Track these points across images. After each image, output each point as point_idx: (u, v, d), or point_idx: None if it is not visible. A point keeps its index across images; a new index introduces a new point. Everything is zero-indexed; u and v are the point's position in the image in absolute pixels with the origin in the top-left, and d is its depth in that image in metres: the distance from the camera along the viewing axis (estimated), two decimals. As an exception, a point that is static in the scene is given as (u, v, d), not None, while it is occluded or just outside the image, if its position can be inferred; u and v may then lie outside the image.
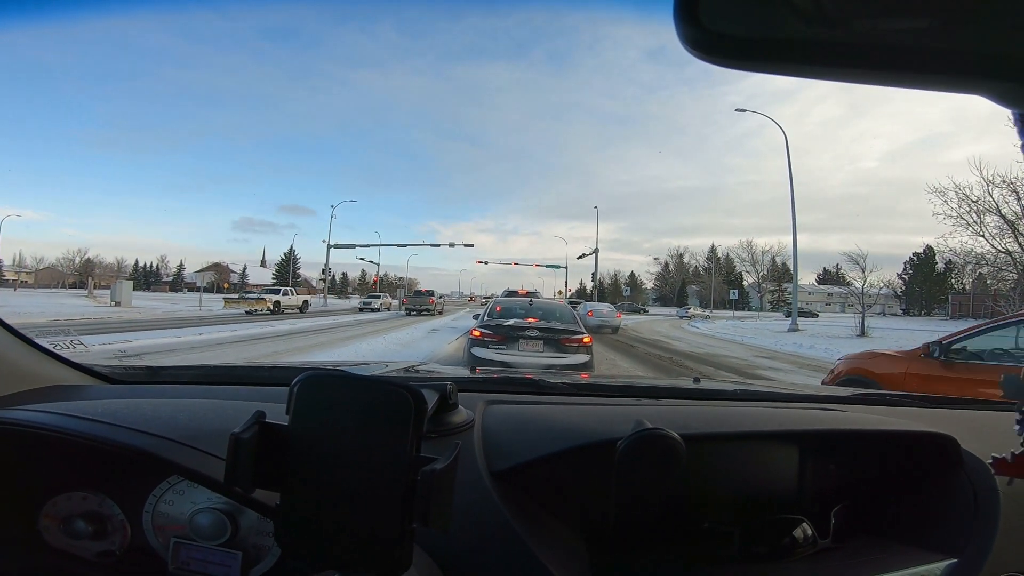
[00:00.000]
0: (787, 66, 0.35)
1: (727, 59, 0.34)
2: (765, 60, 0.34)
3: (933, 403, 1.18)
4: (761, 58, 0.34)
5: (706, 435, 0.85)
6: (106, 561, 0.79)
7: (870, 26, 0.33)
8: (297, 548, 0.50)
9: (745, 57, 0.34)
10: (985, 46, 0.32)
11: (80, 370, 1.09)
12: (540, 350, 6.20)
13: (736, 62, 0.35)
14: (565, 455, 0.79)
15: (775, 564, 0.83)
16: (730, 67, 0.35)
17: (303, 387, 0.50)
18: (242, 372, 1.26)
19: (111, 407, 0.77)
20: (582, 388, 1.20)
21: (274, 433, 0.51)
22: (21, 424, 0.73)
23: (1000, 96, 0.34)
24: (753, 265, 59.90)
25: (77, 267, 63.59)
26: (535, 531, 0.71)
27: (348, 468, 0.49)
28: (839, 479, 0.91)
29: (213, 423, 0.75)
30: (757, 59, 0.34)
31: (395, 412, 0.49)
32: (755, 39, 0.33)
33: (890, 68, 0.34)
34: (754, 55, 0.34)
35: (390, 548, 0.48)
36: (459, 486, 0.51)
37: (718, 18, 0.33)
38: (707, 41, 0.33)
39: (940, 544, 0.80)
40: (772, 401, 1.16)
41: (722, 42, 0.33)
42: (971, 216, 20.34)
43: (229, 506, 0.74)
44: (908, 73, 0.34)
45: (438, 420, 0.82)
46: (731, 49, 0.34)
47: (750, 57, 0.34)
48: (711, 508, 0.87)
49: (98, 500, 0.80)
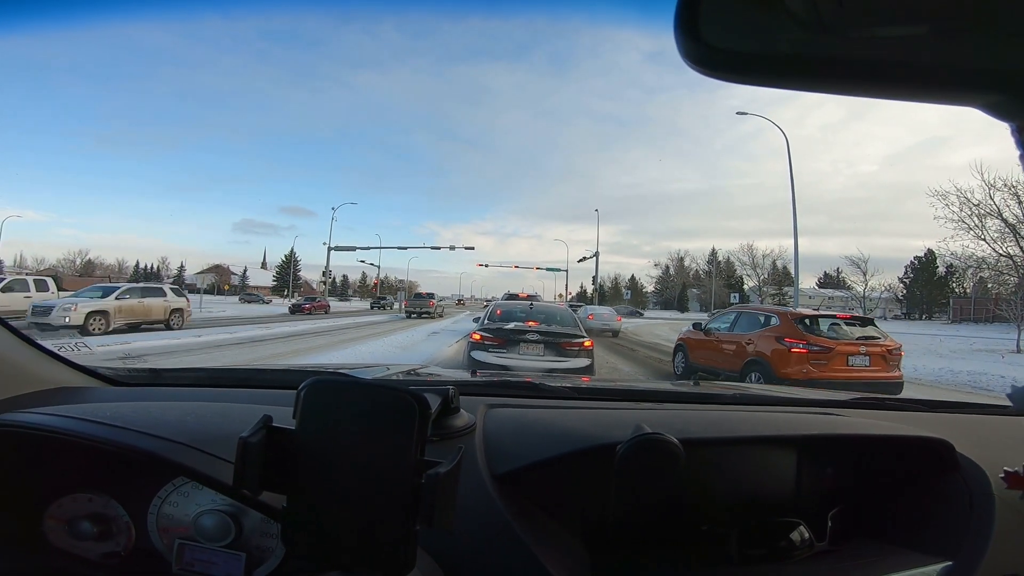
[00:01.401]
0: (786, 80, 0.36)
1: (728, 73, 0.35)
2: (765, 74, 0.36)
3: (929, 407, 1.19)
4: (761, 72, 0.35)
5: (704, 439, 0.85)
6: (110, 562, 0.80)
7: (866, 41, 0.34)
8: (302, 549, 0.51)
9: (746, 71, 0.35)
10: (978, 60, 0.33)
11: (84, 372, 1.10)
12: (540, 354, 6.19)
13: (737, 76, 0.36)
14: (565, 459, 0.80)
15: (772, 566, 0.84)
16: (731, 81, 0.36)
17: (310, 392, 0.51)
18: (245, 374, 1.27)
19: (119, 410, 0.78)
20: (582, 392, 1.21)
21: (281, 437, 0.52)
22: (30, 427, 0.74)
23: (993, 109, 0.35)
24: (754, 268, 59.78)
25: (78, 268, 63.56)
26: (536, 533, 0.72)
27: (354, 471, 0.50)
28: (836, 482, 0.92)
29: (221, 427, 0.76)
30: (757, 73, 0.36)
31: (400, 416, 0.50)
32: (755, 54, 0.35)
33: (885, 81, 0.35)
34: (754, 69, 0.35)
35: (394, 549, 0.49)
36: (461, 489, 0.52)
37: (719, 33, 0.34)
38: (708, 56, 0.34)
39: (936, 547, 0.81)
40: (770, 405, 1.17)
41: (723, 57, 0.34)
42: (972, 220, 20.37)
43: (233, 508, 0.75)
44: (903, 86, 0.35)
45: (440, 424, 0.83)
46: (732, 64, 0.35)
47: (750, 71, 0.35)
48: (709, 511, 0.87)
49: (103, 502, 0.80)
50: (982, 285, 35.63)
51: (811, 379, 6.34)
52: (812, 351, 6.60)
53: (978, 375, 10.22)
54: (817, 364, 6.54)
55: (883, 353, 6.85)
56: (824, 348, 6.62)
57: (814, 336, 6.74)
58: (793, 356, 6.65)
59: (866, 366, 6.70)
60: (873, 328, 7.18)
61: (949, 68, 0.33)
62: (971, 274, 33.39)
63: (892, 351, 6.96)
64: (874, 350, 6.79)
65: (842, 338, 6.85)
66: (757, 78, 0.36)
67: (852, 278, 28.79)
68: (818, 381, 6.24)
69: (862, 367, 6.67)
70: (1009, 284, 22.86)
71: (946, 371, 10.90)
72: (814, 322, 6.96)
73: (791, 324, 6.90)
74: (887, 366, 6.87)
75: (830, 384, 6.04)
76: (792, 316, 7.13)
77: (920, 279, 49.61)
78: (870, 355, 6.72)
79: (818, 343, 6.66)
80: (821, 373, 6.42)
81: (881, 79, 0.35)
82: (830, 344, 6.66)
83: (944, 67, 0.33)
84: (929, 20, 0.32)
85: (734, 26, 0.34)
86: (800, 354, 6.62)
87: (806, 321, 6.92)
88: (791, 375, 6.52)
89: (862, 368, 6.67)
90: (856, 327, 7.09)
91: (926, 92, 0.35)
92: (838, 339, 6.80)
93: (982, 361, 12.79)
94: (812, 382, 6.25)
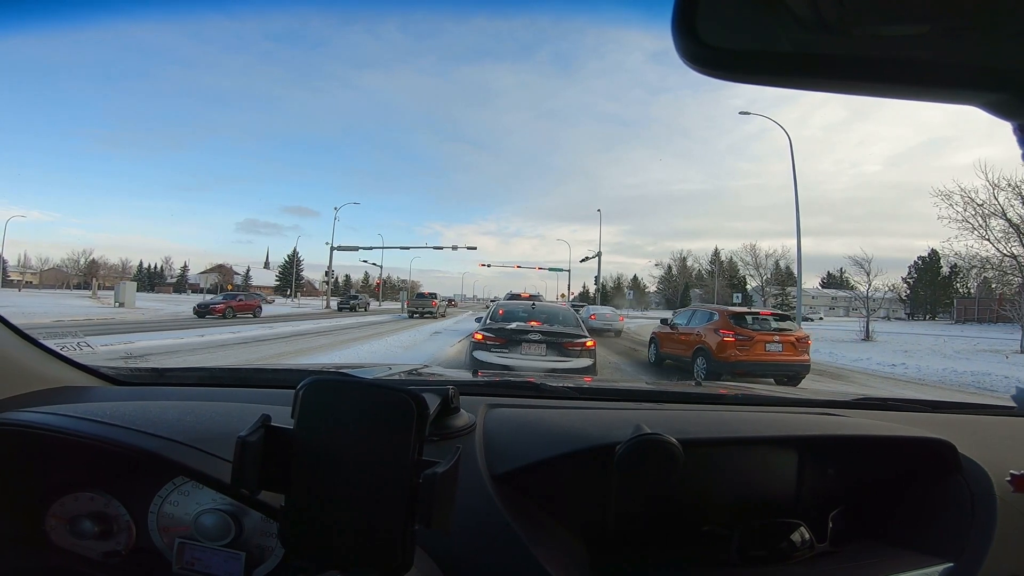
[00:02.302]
0: (786, 79, 0.35)
1: (728, 72, 0.35)
2: (764, 73, 0.35)
3: (931, 408, 1.18)
4: (759, 71, 0.35)
5: (705, 440, 0.85)
6: (112, 561, 0.80)
7: (867, 40, 0.34)
8: (301, 548, 0.51)
9: (745, 70, 0.35)
10: (980, 58, 0.32)
11: (86, 371, 1.10)
12: (543, 353, 6.19)
13: (737, 75, 0.35)
14: (565, 459, 0.80)
15: (772, 568, 0.83)
16: (731, 80, 0.36)
17: (308, 392, 0.51)
18: (246, 374, 1.27)
19: (120, 409, 0.79)
20: (583, 392, 1.20)
21: (280, 436, 0.52)
22: (32, 426, 0.74)
23: (995, 108, 0.34)
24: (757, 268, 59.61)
25: (82, 268, 63.81)
26: (535, 533, 0.72)
27: (352, 471, 0.50)
28: (837, 483, 0.92)
29: (220, 426, 0.76)
30: (757, 72, 0.35)
31: (398, 416, 0.50)
32: (753, 52, 0.34)
33: (886, 80, 0.34)
34: (754, 68, 0.35)
35: (392, 549, 0.49)
36: (460, 488, 0.52)
37: (716, 32, 0.33)
38: (707, 55, 0.34)
39: (937, 548, 0.80)
40: (772, 405, 1.16)
41: (721, 56, 0.34)
42: (976, 220, 20.25)
43: (233, 507, 0.75)
44: (904, 85, 0.34)
45: (440, 423, 0.83)
46: (731, 63, 0.34)
47: (750, 70, 0.35)
48: (710, 511, 0.87)
49: (104, 501, 0.81)
50: (986, 285, 35.49)
51: (737, 361, 8.20)
52: (739, 339, 8.37)
53: (982, 376, 10.20)
54: (742, 349, 8.30)
55: (793, 341, 8.57)
56: (748, 337, 8.39)
57: (741, 328, 8.52)
58: (725, 344, 8.37)
59: (779, 351, 8.45)
60: (789, 322, 9.12)
61: (951, 67, 0.33)
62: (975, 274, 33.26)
63: (801, 339, 8.72)
64: (786, 338, 8.55)
65: (763, 330, 8.58)
66: (757, 77, 0.36)
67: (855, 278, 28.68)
68: (742, 363, 8.18)
69: (776, 352, 8.44)
70: (1013, 284, 22.78)
71: (950, 371, 10.89)
72: (743, 317, 8.84)
73: (726, 319, 8.77)
74: (796, 351, 8.57)
75: (750, 365, 8.21)
76: (727, 313, 9.04)
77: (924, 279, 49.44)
78: (783, 343, 8.50)
79: (743, 333, 8.44)
80: (745, 356, 8.24)
81: (882, 78, 0.34)
82: (752, 334, 8.42)
83: (946, 66, 0.33)
84: (931, 18, 0.32)
85: (733, 25, 0.34)
86: (730, 342, 8.36)
87: (738, 317, 8.83)
88: (724, 358, 8.30)
89: (776, 353, 8.43)
90: (775, 321, 8.91)
91: (927, 91, 0.34)
92: (760, 330, 8.53)
93: (986, 362, 12.75)
94: (737, 363, 8.19)
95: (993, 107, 0.35)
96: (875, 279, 25.34)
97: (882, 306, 34.34)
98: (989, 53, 0.32)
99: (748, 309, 10.22)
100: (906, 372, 11.23)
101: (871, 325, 20.76)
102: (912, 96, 0.35)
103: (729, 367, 8.28)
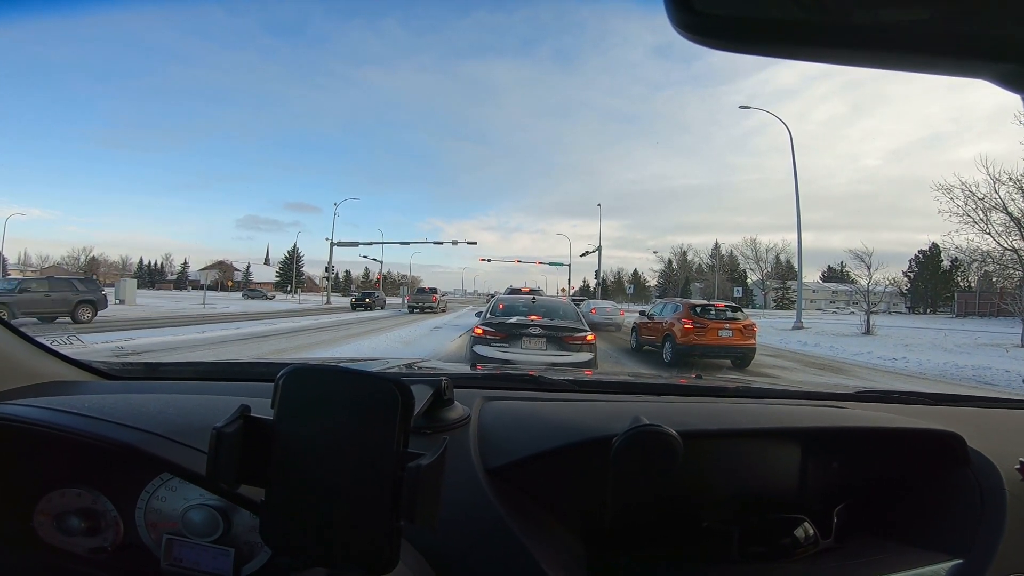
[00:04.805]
0: (783, 48, 0.33)
1: (721, 40, 0.33)
2: (761, 42, 0.33)
3: (938, 400, 1.16)
4: (757, 40, 0.33)
5: (705, 432, 0.83)
6: (99, 557, 0.79)
7: (870, 9, 0.32)
8: (280, 543, 0.49)
9: (740, 39, 0.33)
10: (988, 27, 0.31)
11: (78, 366, 1.09)
12: (543, 348, 6.20)
13: (730, 44, 0.33)
14: (561, 452, 0.78)
15: (775, 564, 0.82)
16: (724, 49, 0.34)
17: (288, 380, 0.49)
18: (238, 368, 1.26)
19: (100, 402, 0.77)
20: (581, 384, 1.19)
21: (260, 427, 0.50)
22: (7, 418, 0.72)
23: (1004, 79, 0.33)
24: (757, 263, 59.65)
25: (82, 265, 63.86)
26: (530, 529, 0.70)
27: (333, 463, 0.48)
28: (842, 477, 0.90)
29: (201, 418, 0.75)
30: (752, 41, 0.33)
31: (381, 406, 0.48)
32: (750, 19, 0.32)
33: (890, 50, 0.33)
34: (749, 36, 0.33)
35: (377, 545, 0.47)
36: (452, 483, 0.50)
37: None
38: (699, 23, 0.32)
39: (945, 544, 0.78)
40: (774, 398, 1.15)
41: (715, 23, 0.32)
42: (977, 213, 20.10)
43: (222, 503, 0.74)
44: (909, 55, 0.33)
45: (433, 416, 0.81)
46: (724, 30, 0.33)
47: (745, 39, 0.33)
48: (710, 506, 0.85)
49: (92, 497, 0.79)
50: (987, 279, 35.51)
51: (695, 344, 10.11)
52: (696, 327, 10.25)
53: (983, 369, 10.18)
54: (699, 335, 10.17)
55: (741, 328, 10.34)
56: (703, 325, 10.26)
57: (699, 317, 10.41)
58: (686, 330, 10.25)
59: (729, 336, 10.27)
60: (740, 313, 10.93)
61: (957, 36, 0.31)
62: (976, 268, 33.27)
63: (747, 327, 10.42)
64: (735, 326, 10.33)
65: (717, 319, 10.41)
66: (754, 46, 0.34)
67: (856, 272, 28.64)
68: (699, 346, 10.09)
69: (727, 337, 10.26)
70: (1014, 278, 22.66)
71: (951, 365, 10.87)
72: (701, 308, 10.86)
73: (688, 310, 10.76)
74: (744, 337, 10.34)
75: (705, 348, 10.13)
76: (689, 305, 11.11)
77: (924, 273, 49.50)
78: (732, 329, 10.31)
79: (700, 322, 10.31)
80: (701, 340, 10.12)
81: (884, 48, 0.33)
82: (707, 322, 10.30)
83: (952, 35, 0.31)
84: None
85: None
86: (689, 329, 10.24)
87: (696, 308, 10.85)
88: (685, 343, 10.20)
89: (727, 338, 10.26)
90: (728, 312, 10.78)
91: (933, 62, 0.33)
92: (714, 319, 10.38)
93: (987, 355, 12.74)
94: (695, 347, 10.10)
95: (1002, 79, 0.33)
96: (876, 273, 25.30)
97: (882, 300, 34.36)
98: (998, 21, 0.31)
99: (706, 302, 12.42)
100: (907, 366, 11.25)
101: (872, 319, 20.74)
102: (916, 68, 0.34)
103: (688, 350, 10.12)
